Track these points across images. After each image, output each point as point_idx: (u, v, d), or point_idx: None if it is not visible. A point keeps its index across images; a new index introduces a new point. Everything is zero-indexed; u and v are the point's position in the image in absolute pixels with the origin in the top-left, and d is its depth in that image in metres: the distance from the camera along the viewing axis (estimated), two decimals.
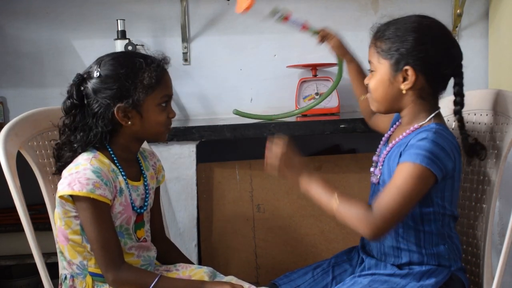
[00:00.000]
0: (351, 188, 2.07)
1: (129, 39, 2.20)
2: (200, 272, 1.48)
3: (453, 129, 1.55)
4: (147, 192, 1.48)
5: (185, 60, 2.42)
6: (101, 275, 1.37)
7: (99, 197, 1.31)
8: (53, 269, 1.52)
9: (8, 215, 2.22)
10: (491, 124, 1.50)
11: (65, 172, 1.36)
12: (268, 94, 2.46)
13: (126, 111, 1.36)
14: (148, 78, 1.36)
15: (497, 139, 1.48)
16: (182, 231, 2.02)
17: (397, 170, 1.31)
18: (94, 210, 1.32)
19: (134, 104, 1.36)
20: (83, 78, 1.39)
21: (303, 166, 1.36)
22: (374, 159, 1.49)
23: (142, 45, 2.12)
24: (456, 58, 1.39)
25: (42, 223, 2.09)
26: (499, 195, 1.52)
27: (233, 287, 1.34)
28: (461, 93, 1.42)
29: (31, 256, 1.41)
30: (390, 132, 1.50)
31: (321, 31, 1.80)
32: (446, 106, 1.49)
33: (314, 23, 2.44)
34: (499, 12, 2.36)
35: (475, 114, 1.55)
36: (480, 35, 2.49)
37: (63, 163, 1.40)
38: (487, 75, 2.46)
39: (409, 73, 1.34)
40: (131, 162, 1.46)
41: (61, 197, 1.34)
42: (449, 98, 1.47)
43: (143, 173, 1.49)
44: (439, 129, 1.33)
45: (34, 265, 1.42)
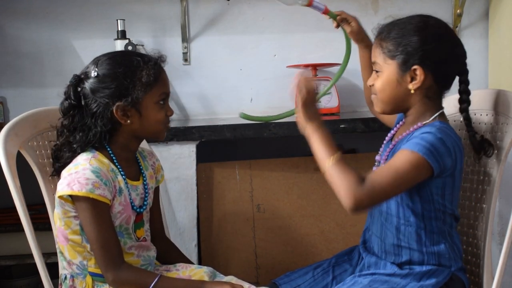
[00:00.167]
0: None
1: (129, 39, 2.20)
2: (200, 272, 1.48)
3: (459, 130, 1.56)
4: (147, 192, 1.48)
5: (185, 60, 2.42)
6: (101, 275, 1.37)
7: (98, 197, 1.31)
8: (53, 269, 1.52)
9: (8, 215, 2.22)
10: (491, 124, 1.50)
11: (64, 172, 1.36)
12: (268, 94, 2.46)
13: (125, 109, 1.36)
14: (146, 76, 1.36)
15: (497, 139, 1.48)
16: (182, 231, 2.02)
17: (396, 155, 1.31)
18: (94, 210, 1.32)
19: (133, 102, 1.36)
20: (80, 79, 1.39)
21: (318, 115, 1.35)
22: (377, 158, 1.49)
23: (142, 45, 2.12)
24: (461, 55, 1.40)
25: (42, 223, 2.08)
26: (499, 195, 1.52)
27: (233, 287, 1.34)
28: (467, 91, 1.43)
29: (31, 256, 1.41)
30: (393, 131, 1.50)
31: (339, 14, 1.67)
32: (448, 105, 1.49)
33: (314, 23, 2.46)
34: (499, 12, 2.36)
35: (475, 114, 1.54)
36: (480, 35, 2.49)
37: (62, 164, 1.40)
38: (487, 75, 2.46)
39: (418, 72, 1.34)
40: (130, 162, 1.46)
41: (60, 197, 1.34)
42: (453, 97, 1.47)
43: (142, 172, 1.49)
44: (443, 127, 1.34)
45: (34, 265, 1.41)
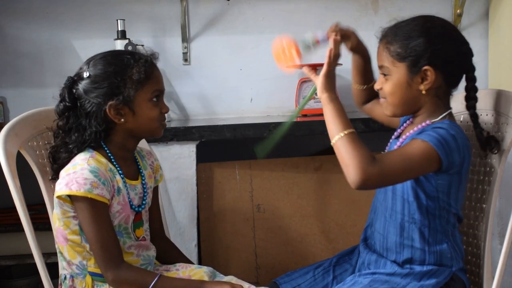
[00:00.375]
0: (351, 188, 2.06)
1: (129, 39, 2.20)
2: (200, 272, 1.48)
3: (466, 131, 1.56)
4: (145, 191, 1.48)
5: (185, 60, 2.42)
6: (100, 275, 1.37)
7: (97, 197, 1.31)
8: (53, 269, 1.51)
9: (8, 215, 2.22)
10: (491, 124, 1.50)
11: (62, 173, 1.36)
12: (268, 94, 2.46)
13: (118, 108, 1.37)
14: (137, 74, 1.36)
15: (498, 139, 1.48)
16: (182, 231, 2.02)
17: (407, 143, 1.33)
18: (92, 209, 1.32)
19: (125, 100, 1.36)
20: (73, 80, 1.39)
21: (334, 86, 1.38)
22: None
23: (142, 45, 2.12)
24: (469, 53, 1.40)
25: (42, 223, 2.08)
26: (499, 195, 1.52)
27: (233, 287, 1.34)
28: (475, 88, 1.43)
29: (31, 256, 1.41)
30: (399, 130, 1.50)
31: (336, 31, 1.48)
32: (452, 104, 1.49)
33: (314, 23, 2.46)
34: (499, 12, 2.36)
35: None
36: (480, 35, 2.49)
37: (60, 165, 1.40)
38: (487, 75, 2.46)
39: (429, 73, 1.34)
40: (128, 161, 1.46)
41: (59, 197, 1.34)
42: (458, 95, 1.47)
43: (141, 172, 1.49)
44: (454, 125, 1.36)
45: (34, 265, 1.41)
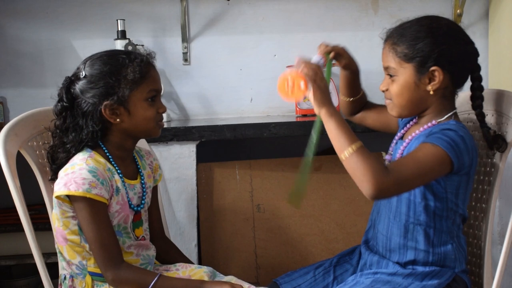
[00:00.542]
0: (351, 188, 2.07)
1: (129, 39, 2.20)
2: (200, 272, 1.48)
3: (472, 132, 1.56)
4: (144, 191, 1.48)
5: (185, 60, 2.42)
6: (100, 275, 1.37)
7: (95, 197, 1.32)
8: (53, 269, 1.52)
9: (8, 215, 2.22)
10: (491, 124, 1.50)
11: (61, 173, 1.36)
12: (268, 94, 2.46)
13: (113, 108, 1.36)
14: (131, 74, 1.36)
15: (504, 138, 1.47)
16: (182, 231, 2.02)
17: (417, 147, 1.31)
18: (91, 209, 1.32)
19: (120, 100, 1.36)
20: (71, 80, 1.39)
21: (329, 98, 1.35)
22: (387, 158, 1.49)
23: (142, 45, 2.12)
24: (475, 53, 1.41)
25: (42, 223, 2.09)
26: (499, 195, 1.52)
27: (232, 287, 1.34)
28: (481, 87, 1.43)
29: (31, 256, 1.41)
30: (403, 131, 1.50)
31: (328, 51, 1.47)
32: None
33: (314, 23, 2.46)
34: (499, 12, 2.36)
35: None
36: (480, 35, 2.49)
37: (58, 165, 1.40)
38: (487, 75, 2.46)
39: (437, 73, 1.34)
40: (127, 161, 1.46)
41: (58, 197, 1.34)
42: (463, 95, 1.48)
43: (140, 171, 1.49)
44: (462, 126, 1.35)
45: (34, 265, 1.41)
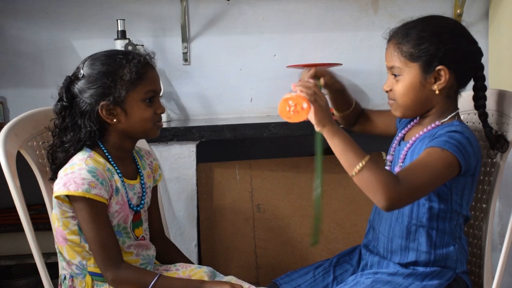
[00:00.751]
0: (351, 188, 2.07)
1: (129, 39, 2.20)
2: (200, 272, 1.48)
3: (476, 133, 1.56)
4: (144, 191, 1.47)
5: (185, 60, 2.42)
6: (100, 275, 1.37)
7: (95, 197, 1.32)
8: (53, 269, 1.52)
9: (8, 215, 2.22)
10: (491, 124, 1.50)
11: (60, 173, 1.36)
12: (268, 94, 2.46)
13: (110, 108, 1.36)
14: (128, 74, 1.36)
15: (506, 138, 1.47)
16: (182, 231, 2.02)
17: (425, 152, 1.30)
18: (91, 209, 1.32)
19: (116, 101, 1.36)
20: (71, 80, 1.40)
21: (330, 116, 1.30)
22: (389, 158, 1.49)
23: (142, 45, 2.12)
24: (479, 53, 1.41)
25: (42, 223, 2.09)
26: (499, 195, 1.52)
27: (232, 287, 1.34)
28: (484, 86, 1.44)
29: (31, 256, 1.41)
30: (404, 131, 1.49)
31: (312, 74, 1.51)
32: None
33: (314, 23, 2.46)
34: (499, 12, 2.36)
35: (475, 114, 1.54)
36: (480, 35, 2.48)
37: (57, 165, 1.40)
38: (487, 75, 2.44)
39: (443, 73, 1.34)
40: (126, 161, 1.46)
41: (57, 197, 1.34)
42: (465, 94, 1.48)
43: (140, 171, 1.49)
44: (465, 126, 1.35)
45: (34, 265, 1.41)
